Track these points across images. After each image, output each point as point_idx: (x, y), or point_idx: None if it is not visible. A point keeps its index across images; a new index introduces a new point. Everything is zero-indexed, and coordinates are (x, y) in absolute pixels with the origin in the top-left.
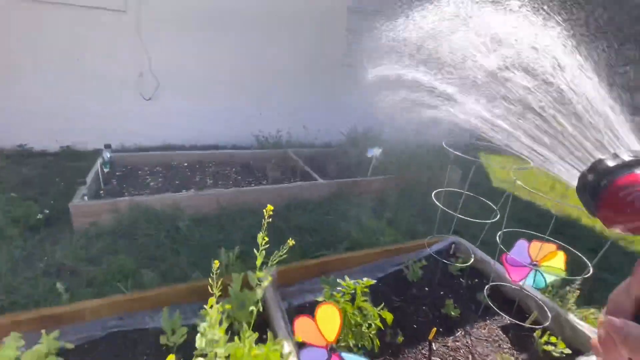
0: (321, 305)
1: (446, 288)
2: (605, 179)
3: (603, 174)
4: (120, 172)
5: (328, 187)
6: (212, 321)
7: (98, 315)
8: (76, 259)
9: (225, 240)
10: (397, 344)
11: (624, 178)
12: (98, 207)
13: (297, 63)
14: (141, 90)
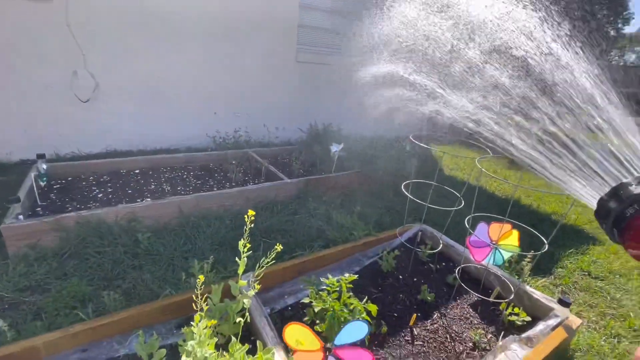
0: (286, 327)
1: (419, 275)
2: (632, 208)
3: (630, 201)
4: (59, 185)
5: (295, 186)
6: (202, 338)
7: (56, 351)
8: (16, 289)
9: (192, 250)
10: (381, 334)
11: None
12: (37, 227)
13: (251, 59)
14: (76, 91)
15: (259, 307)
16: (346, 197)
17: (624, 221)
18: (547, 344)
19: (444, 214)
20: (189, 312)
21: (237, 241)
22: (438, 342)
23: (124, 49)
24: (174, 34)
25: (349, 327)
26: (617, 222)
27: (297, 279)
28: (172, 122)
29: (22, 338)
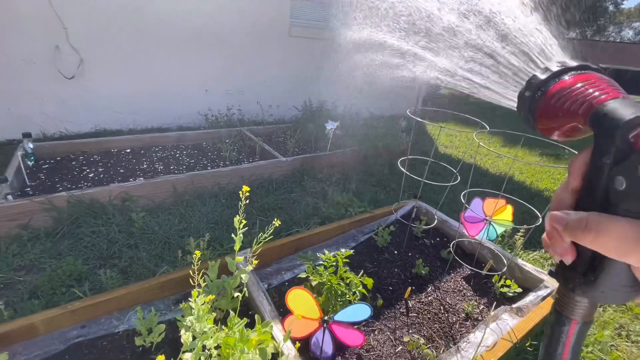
0: (290, 290)
1: (413, 250)
2: (539, 91)
3: (537, 87)
4: (48, 165)
5: (290, 164)
6: (200, 313)
7: (54, 328)
8: (10, 269)
9: (188, 229)
10: (377, 307)
11: (554, 87)
12: (28, 207)
13: (242, 35)
14: (60, 67)
15: (257, 283)
16: (342, 174)
17: (534, 105)
18: (536, 313)
19: (438, 190)
20: (186, 288)
21: (232, 219)
22: (432, 314)
23: (106, 22)
24: (159, 5)
25: (353, 307)
26: (531, 109)
27: (293, 255)
28: (162, 100)
29: (19, 316)
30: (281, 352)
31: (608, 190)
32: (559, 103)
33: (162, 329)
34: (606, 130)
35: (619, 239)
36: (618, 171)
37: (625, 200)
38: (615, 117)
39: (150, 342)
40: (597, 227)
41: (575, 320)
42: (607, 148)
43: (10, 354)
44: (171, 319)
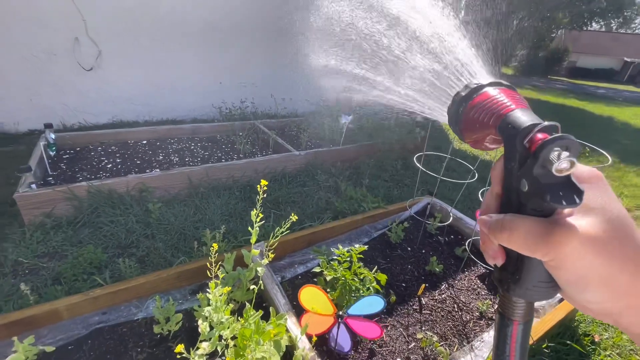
0: (302, 288)
1: (427, 247)
2: (461, 107)
3: (460, 103)
4: (68, 155)
5: (303, 158)
6: (218, 304)
7: (77, 313)
8: (34, 255)
9: (203, 220)
10: (390, 303)
11: (472, 101)
12: (50, 196)
13: (257, 28)
14: (79, 59)
15: (271, 275)
16: (355, 169)
17: (459, 119)
18: (553, 315)
19: (452, 187)
20: (202, 279)
21: (246, 212)
22: (445, 312)
23: (126, 13)
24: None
25: (366, 300)
26: (457, 123)
27: (307, 249)
28: (177, 92)
29: (43, 301)
30: (297, 346)
31: (518, 192)
32: (475, 115)
33: (179, 318)
34: (509, 137)
35: (526, 235)
36: (522, 174)
37: (530, 200)
38: (516, 125)
39: (168, 330)
40: (510, 226)
41: (516, 320)
42: (513, 154)
43: (36, 337)
44: (187, 309)
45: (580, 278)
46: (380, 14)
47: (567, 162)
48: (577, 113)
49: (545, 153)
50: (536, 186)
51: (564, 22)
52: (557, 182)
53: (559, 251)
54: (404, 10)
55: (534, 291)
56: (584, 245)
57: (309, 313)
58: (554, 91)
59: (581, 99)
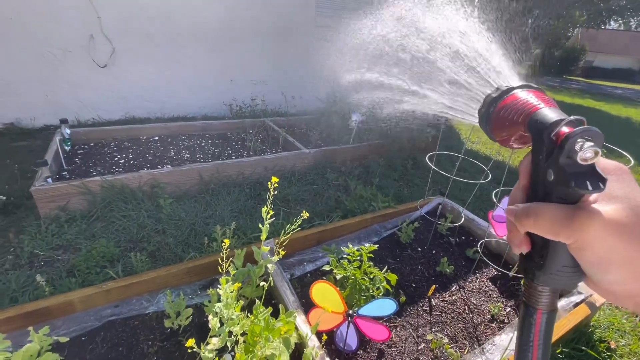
0: (315, 284)
1: (437, 247)
2: (492, 107)
3: (490, 104)
4: (83, 150)
5: (312, 156)
6: (229, 300)
7: (90, 305)
8: (49, 248)
9: (213, 217)
10: (400, 303)
11: (502, 102)
12: (65, 190)
13: (268, 25)
14: (94, 56)
15: (280, 273)
16: (365, 168)
17: (489, 118)
18: (568, 320)
19: (464, 187)
20: (212, 274)
21: (256, 209)
22: (456, 313)
23: (137, 12)
24: None
25: (377, 302)
26: (487, 122)
27: (316, 247)
28: (189, 89)
29: (58, 292)
30: (306, 344)
31: (545, 182)
32: (505, 114)
33: (190, 312)
34: (538, 132)
35: (551, 220)
36: (548, 165)
37: (555, 189)
38: (543, 121)
39: (178, 324)
40: (535, 212)
41: (540, 309)
42: (540, 147)
43: (51, 328)
44: (197, 304)
45: (603, 259)
46: (409, 24)
47: (592, 151)
48: (594, 114)
49: (570, 143)
50: (562, 174)
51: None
52: (582, 170)
53: (582, 233)
54: (434, 25)
55: (558, 276)
56: (606, 228)
57: (318, 309)
58: (569, 91)
59: (598, 99)
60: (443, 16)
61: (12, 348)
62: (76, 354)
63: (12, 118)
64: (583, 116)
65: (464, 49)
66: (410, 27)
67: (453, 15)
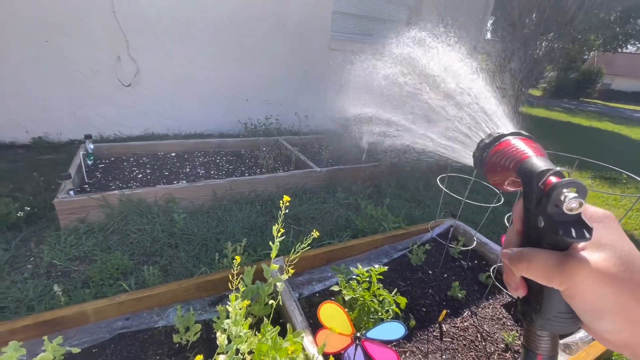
0: (323, 304)
1: (449, 271)
2: (485, 152)
3: (484, 149)
4: (103, 164)
5: (324, 174)
6: (238, 317)
7: (102, 317)
8: (67, 258)
9: (224, 233)
10: (409, 328)
11: (494, 148)
12: (86, 203)
13: (284, 47)
14: (119, 75)
15: (289, 292)
16: (375, 188)
17: (483, 162)
18: (587, 352)
19: (477, 210)
20: (221, 290)
21: (267, 226)
22: (468, 340)
23: (162, 35)
24: (208, 19)
25: (386, 325)
26: (481, 165)
27: (325, 266)
28: (206, 107)
29: (72, 303)
30: None
31: (536, 228)
32: (497, 160)
33: (199, 328)
34: (527, 180)
35: (543, 266)
36: (538, 212)
37: (546, 235)
38: (532, 169)
39: (187, 340)
40: (528, 258)
41: (540, 354)
42: (530, 194)
43: (64, 337)
44: (206, 320)
45: (595, 308)
46: (411, 68)
47: (576, 202)
48: (613, 138)
49: (556, 194)
50: (550, 222)
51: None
52: (569, 219)
53: (572, 280)
54: (437, 69)
55: (555, 322)
56: (596, 275)
57: (326, 330)
58: (586, 114)
59: (617, 122)
60: (445, 62)
61: (26, 357)
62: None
63: (40, 132)
64: (602, 140)
65: (462, 97)
66: (414, 71)
67: (455, 63)
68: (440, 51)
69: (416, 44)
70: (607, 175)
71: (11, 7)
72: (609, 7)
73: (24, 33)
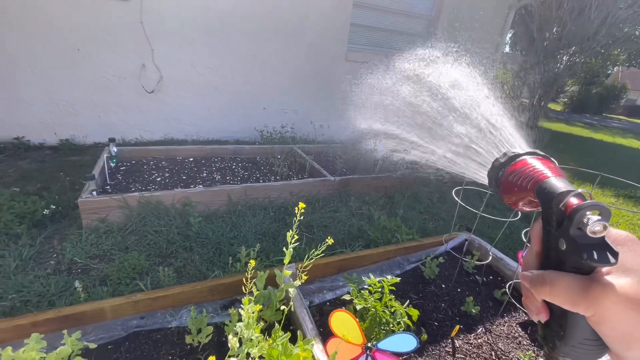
0: (334, 312)
1: (463, 285)
2: (500, 172)
3: (499, 168)
4: (125, 167)
5: (337, 183)
6: (250, 321)
7: (119, 315)
8: (87, 256)
9: (238, 237)
10: (421, 342)
11: (510, 168)
12: (107, 203)
13: (299, 57)
14: (143, 82)
15: (300, 299)
16: (389, 198)
17: (498, 182)
18: None
19: (492, 224)
20: (233, 294)
21: (279, 232)
22: (481, 358)
23: (185, 44)
24: (229, 31)
25: (398, 336)
26: (497, 185)
27: (336, 275)
28: (224, 115)
29: (91, 299)
30: None
31: (557, 250)
32: (514, 180)
33: (210, 330)
34: (547, 201)
35: (567, 290)
36: (559, 234)
37: (568, 258)
38: (552, 190)
39: (198, 341)
40: (551, 281)
41: None
42: (549, 216)
43: (82, 332)
44: (217, 323)
45: (625, 335)
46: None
47: (600, 225)
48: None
49: (579, 216)
50: (573, 245)
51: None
52: (592, 242)
53: (599, 306)
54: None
55: (581, 349)
56: (624, 301)
57: (337, 339)
58: (609, 129)
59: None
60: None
61: (46, 349)
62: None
63: (67, 135)
64: (627, 157)
65: (476, 116)
66: (425, 90)
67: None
68: (454, 68)
69: (430, 61)
70: (631, 194)
71: (46, 18)
72: (633, 22)
73: (58, 41)
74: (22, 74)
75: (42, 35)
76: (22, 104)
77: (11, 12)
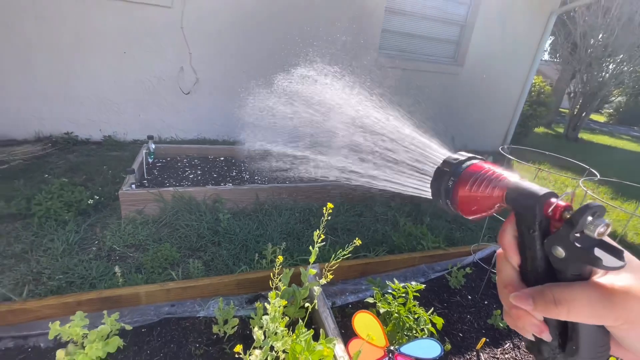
0: (358, 312)
1: (490, 298)
2: (450, 181)
3: (447, 176)
4: (161, 163)
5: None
6: (276, 315)
7: (153, 300)
8: (124, 245)
9: (264, 236)
10: (444, 351)
11: (462, 175)
12: (145, 196)
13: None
14: (181, 84)
15: (323, 298)
16: (415, 206)
17: (450, 192)
18: None
19: None
20: (258, 289)
21: (303, 233)
22: None
23: (221, 49)
24: (264, 39)
25: (421, 342)
26: (448, 197)
27: (359, 278)
28: None
29: (127, 285)
30: None
31: (549, 259)
32: (474, 188)
33: (236, 322)
34: (525, 206)
35: (591, 305)
36: (554, 241)
37: (570, 266)
38: (529, 194)
39: (224, 332)
40: (567, 300)
41: None
42: (530, 222)
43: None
44: (242, 316)
45: None
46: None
47: (604, 225)
48: None
49: (584, 219)
50: (577, 251)
51: None
52: (594, 245)
53: (629, 313)
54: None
55: (593, 358)
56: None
57: (359, 339)
58: None
59: None
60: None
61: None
62: (136, 343)
63: (110, 131)
64: None
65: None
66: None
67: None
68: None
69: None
70: None
71: (96, 23)
72: None
73: (107, 45)
74: (74, 76)
75: (91, 39)
76: (75, 102)
77: (69, 19)
